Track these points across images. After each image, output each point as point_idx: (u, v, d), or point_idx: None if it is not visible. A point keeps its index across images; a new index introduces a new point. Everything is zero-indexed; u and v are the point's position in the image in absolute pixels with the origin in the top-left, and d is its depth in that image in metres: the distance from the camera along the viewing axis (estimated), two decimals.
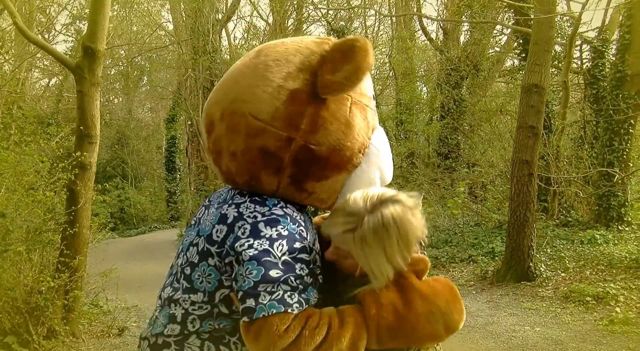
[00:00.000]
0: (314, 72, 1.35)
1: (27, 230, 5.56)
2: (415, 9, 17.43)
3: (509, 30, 14.72)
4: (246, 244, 1.25)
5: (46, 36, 16.63)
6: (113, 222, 15.58)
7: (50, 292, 5.09)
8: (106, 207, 13.43)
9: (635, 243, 8.44)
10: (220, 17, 16.77)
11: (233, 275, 1.28)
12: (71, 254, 5.33)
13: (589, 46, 11.47)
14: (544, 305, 6.39)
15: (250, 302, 1.21)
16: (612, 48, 10.77)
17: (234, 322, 1.35)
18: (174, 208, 21.47)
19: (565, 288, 6.76)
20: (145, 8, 19.21)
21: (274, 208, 1.32)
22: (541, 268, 7.34)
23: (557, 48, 11.91)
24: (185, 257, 1.40)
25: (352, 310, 1.31)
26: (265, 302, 1.20)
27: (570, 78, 11.85)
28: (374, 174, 1.46)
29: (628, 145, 9.93)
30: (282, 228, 1.27)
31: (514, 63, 16.13)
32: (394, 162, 1.68)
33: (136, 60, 24.72)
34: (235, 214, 1.31)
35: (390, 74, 18.14)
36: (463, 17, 15.53)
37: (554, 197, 10.45)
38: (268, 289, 1.21)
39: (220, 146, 1.41)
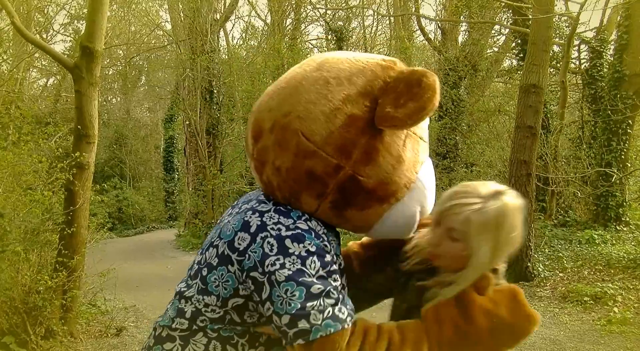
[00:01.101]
0: (375, 99, 1.29)
1: (25, 230, 5.55)
2: (413, 9, 17.44)
3: (507, 30, 14.75)
4: (278, 263, 1.22)
5: (44, 36, 16.60)
6: (111, 222, 15.56)
7: (48, 292, 5.09)
8: (104, 207, 13.41)
9: (633, 243, 8.46)
10: (218, 17, 16.75)
11: (260, 293, 1.26)
12: (69, 254, 5.32)
13: (587, 46, 11.49)
14: (542, 305, 6.40)
15: (303, 324, 1.20)
16: (610, 48, 10.78)
17: (245, 327, 1.35)
18: (172, 208, 21.45)
19: (563, 288, 6.77)
20: (144, 8, 19.22)
21: (298, 222, 1.29)
22: (539, 268, 7.35)
23: (555, 48, 11.93)
24: (204, 256, 1.39)
25: (413, 325, 1.30)
26: (319, 322, 1.19)
27: (569, 78, 11.87)
28: (415, 209, 1.43)
29: (626, 145, 9.95)
30: (309, 244, 1.25)
31: (512, 63, 16.16)
32: None
33: (134, 60, 24.70)
34: (259, 223, 1.29)
35: None
36: (461, 17, 15.55)
37: (552, 197, 10.47)
38: (316, 308, 1.20)
39: (266, 157, 1.36)
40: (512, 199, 1.48)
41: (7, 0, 5.82)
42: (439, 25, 17.25)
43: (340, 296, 1.25)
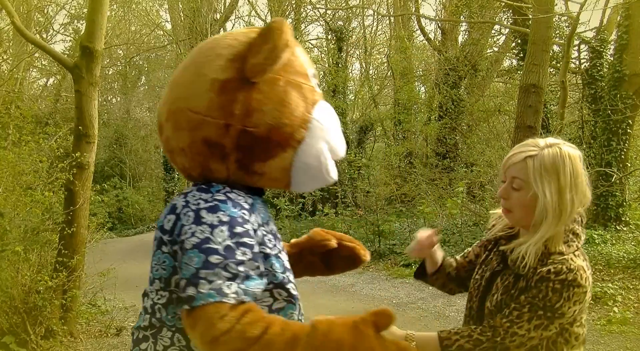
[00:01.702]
0: (244, 60, 1.40)
1: (25, 230, 5.56)
2: (413, 9, 17.44)
3: (507, 30, 14.74)
4: (189, 232, 1.28)
5: (44, 36, 16.59)
6: (111, 222, 15.57)
7: (48, 292, 5.09)
8: (104, 207, 13.42)
9: (633, 243, 8.46)
10: (218, 17, 16.78)
11: (177, 260, 1.32)
12: (69, 254, 5.33)
13: (587, 46, 11.49)
14: None
15: (191, 290, 1.23)
16: (610, 48, 10.78)
17: None
18: None
19: None
20: (144, 8, 19.22)
21: (216, 194, 1.35)
22: None
23: (555, 48, 11.93)
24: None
25: (298, 326, 1.27)
26: (204, 291, 1.21)
27: (568, 78, 11.87)
28: (321, 146, 1.47)
29: (626, 145, 9.95)
30: (222, 214, 1.29)
31: (512, 63, 16.16)
32: (392, 162, 1.73)
33: (134, 60, 24.69)
34: (183, 203, 1.34)
35: (389, 73, 18.16)
36: (461, 17, 15.55)
37: None
38: (208, 277, 1.22)
39: (171, 145, 1.47)
40: (568, 147, 1.62)
41: (7, 0, 5.82)
42: (439, 25, 17.27)
43: (242, 273, 1.25)
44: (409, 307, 6.90)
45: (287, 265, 1.46)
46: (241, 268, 1.25)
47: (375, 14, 18.74)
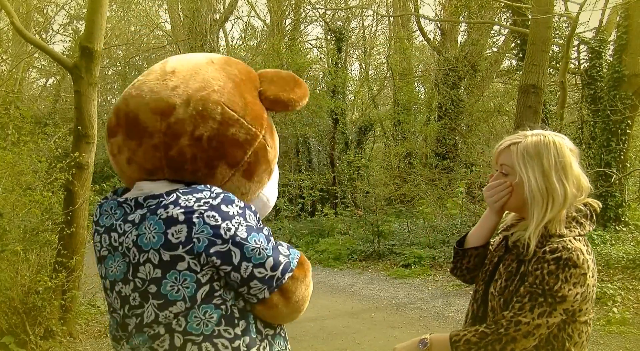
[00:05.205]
0: (257, 87, 1.52)
1: (24, 230, 5.56)
2: (412, 9, 17.43)
3: (507, 30, 14.75)
4: (231, 227, 1.30)
5: (43, 36, 16.58)
6: None
7: (47, 292, 5.09)
8: None
9: (632, 244, 8.46)
10: (217, 17, 16.77)
11: (231, 260, 1.30)
12: (68, 254, 5.32)
13: (586, 46, 11.50)
14: None
15: (283, 259, 1.38)
16: (609, 48, 10.79)
17: (218, 309, 1.35)
18: None
19: None
20: (143, 8, 19.20)
21: (213, 189, 1.36)
22: None
23: (555, 48, 11.93)
24: (133, 283, 1.35)
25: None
26: (288, 253, 1.41)
27: (568, 78, 11.88)
28: (273, 190, 1.65)
29: (625, 145, 9.95)
30: (237, 203, 1.35)
31: (511, 63, 16.18)
32: (391, 162, 1.83)
33: (134, 60, 24.67)
34: (182, 210, 1.28)
35: (388, 74, 18.15)
36: (460, 17, 15.56)
37: None
38: (276, 246, 1.40)
39: (182, 130, 1.37)
40: (552, 134, 1.71)
41: (6, 1, 5.82)
42: (439, 25, 17.27)
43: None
44: (408, 307, 6.90)
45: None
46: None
47: (375, 14, 18.76)
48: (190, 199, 1.30)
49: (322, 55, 19.23)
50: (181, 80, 1.43)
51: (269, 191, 1.60)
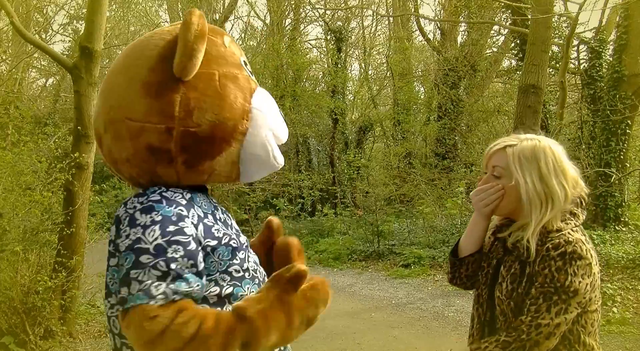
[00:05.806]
0: (172, 59, 1.38)
1: (24, 230, 5.56)
2: (412, 10, 17.43)
3: (506, 30, 14.74)
4: (123, 235, 1.28)
5: (43, 36, 16.55)
6: (110, 222, 15.50)
7: (47, 292, 5.09)
8: (103, 207, 13.35)
9: (632, 244, 8.46)
10: (217, 17, 16.76)
11: (109, 262, 1.35)
12: (68, 254, 5.33)
13: (586, 46, 11.50)
14: None
15: (124, 291, 1.22)
16: (609, 48, 10.78)
17: None
18: None
19: None
20: (143, 8, 19.19)
21: (151, 196, 1.33)
22: None
23: (555, 48, 11.93)
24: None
25: (227, 316, 1.26)
26: (134, 292, 1.21)
27: (568, 78, 11.88)
28: (265, 133, 1.47)
29: (625, 145, 9.95)
30: (155, 214, 1.28)
31: (511, 63, 16.15)
32: (391, 162, 1.75)
33: None
34: (123, 211, 1.33)
35: (388, 74, 18.14)
36: (460, 17, 15.56)
37: None
38: (139, 277, 1.21)
39: (114, 156, 1.44)
40: (547, 140, 1.72)
41: (6, 0, 5.82)
42: (438, 25, 17.27)
43: (173, 272, 1.23)
44: (408, 307, 6.90)
45: (241, 249, 1.43)
46: (172, 266, 1.23)
47: (375, 14, 18.74)
48: (133, 201, 1.34)
49: (322, 55, 19.25)
50: (101, 102, 1.47)
51: (254, 143, 1.45)
